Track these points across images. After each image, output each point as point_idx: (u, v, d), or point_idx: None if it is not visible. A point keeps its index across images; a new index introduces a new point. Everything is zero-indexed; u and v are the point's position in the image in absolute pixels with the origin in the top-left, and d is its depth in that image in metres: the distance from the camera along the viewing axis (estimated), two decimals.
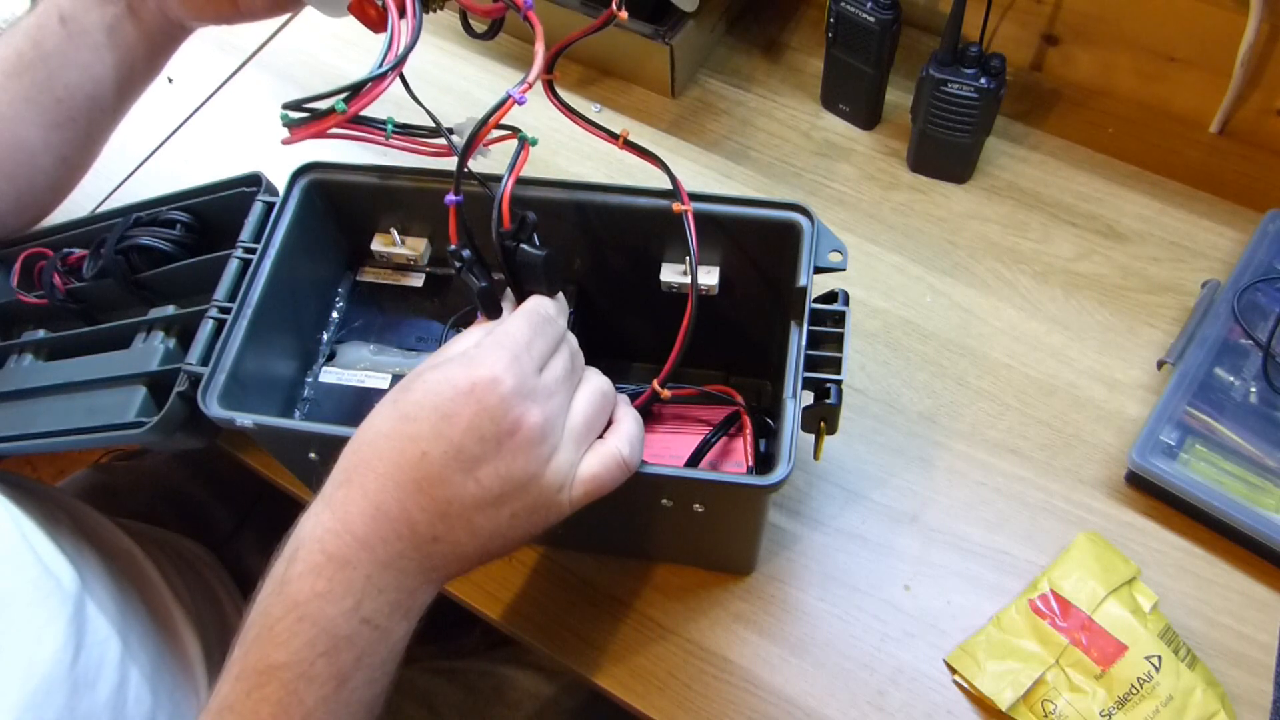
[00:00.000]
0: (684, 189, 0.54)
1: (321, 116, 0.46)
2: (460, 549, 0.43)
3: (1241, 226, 0.74)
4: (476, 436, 0.41)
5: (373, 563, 0.41)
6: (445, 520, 0.42)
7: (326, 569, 0.41)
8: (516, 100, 0.47)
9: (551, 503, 0.44)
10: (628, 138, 0.54)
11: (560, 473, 0.43)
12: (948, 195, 0.79)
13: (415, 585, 0.43)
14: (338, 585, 0.41)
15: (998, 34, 0.84)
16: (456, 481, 0.41)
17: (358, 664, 0.42)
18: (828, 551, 0.63)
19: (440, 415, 0.41)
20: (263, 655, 0.41)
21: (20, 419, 0.60)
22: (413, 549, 0.42)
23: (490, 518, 0.42)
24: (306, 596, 0.41)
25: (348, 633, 0.41)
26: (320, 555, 0.41)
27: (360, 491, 0.42)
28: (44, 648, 0.53)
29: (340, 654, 0.41)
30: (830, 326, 0.52)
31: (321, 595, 0.41)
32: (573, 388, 0.45)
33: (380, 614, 0.42)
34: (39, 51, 0.60)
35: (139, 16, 0.61)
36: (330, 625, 0.41)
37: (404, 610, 0.43)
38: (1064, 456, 0.66)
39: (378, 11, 0.50)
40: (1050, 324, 0.72)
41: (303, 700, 0.40)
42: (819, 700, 0.58)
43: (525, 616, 0.62)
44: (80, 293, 0.65)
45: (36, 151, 0.62)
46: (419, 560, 0.42)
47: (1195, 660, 0.57)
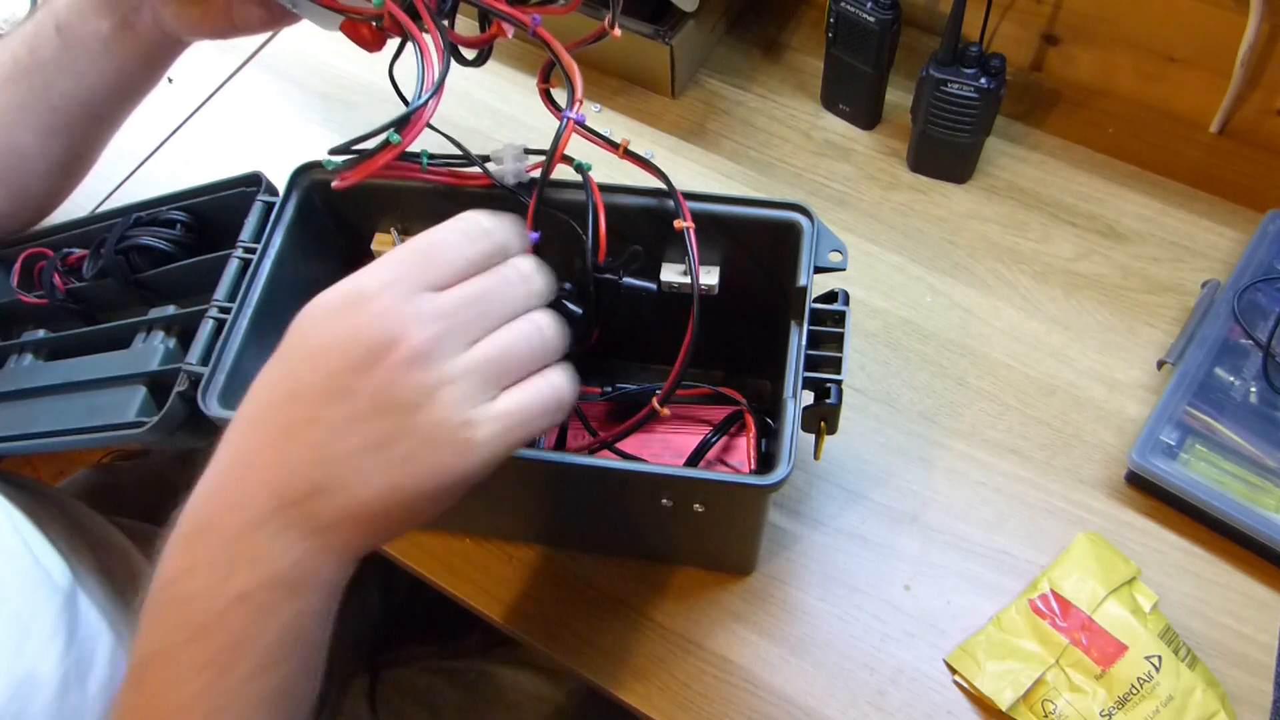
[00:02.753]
0: (685, 205, 0.54)
1: (373, 154, 0.45)
2: (352, 502, 0.36)
3: (1241, 226, 0.74)
4: (348, 364, 0.36)
5: (240, 526, 0.36)
6: (324, 466, 0.36)
7: (191, 540, 0.37)
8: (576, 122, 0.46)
9: (454, 441, 0.36)
10: (628, 147, 0.54)
11: (457, 405, 0.36)
12: (948, 195, 0.79)
13: (301, 554, 0.37)
14: (201, 557, 0.36)
15: (998, 34, 0.84)
16: (331, 419, 0.36)
17: (238, 649, 0.36)
18: (828, 551, 0.63)
19: (311, 347, 0.36)
20: (139, 645, 0.37)
21: (20, 419, 0.60)
22: (289, 506, 0.36)
23: (379, 461, 0.36)
24: (173, 574, 0.37)
25: (219, 611, 0.36)
26: (186, 525, 0.37)
27: (229, 449, 0.37)
28: (33, 640, 0.53)
29: (212, 637, 0.36)
30: (830, 326, 0.52)
31: (187, 571, 0.36)
32: (491, 315, 0.38)
33: (260, 589, 0.36)
34: (35, 59, 0.60)
35: (135, 30, 0.60)
36: (196, 605, 0.36)
37: (291, 585, 0.37)
38: (1064, 456, 0.66)
39: (370, 31, 0.50)
40: (1050, 324, 0.72)
41: (180, 691, 0.36)
42: (819, 700, 0.58)
43: (525, 616, 0.62)
44: (80, 293, 0.65)
45: (32, 157, 0.62)
46: (300, 520, 0.36)
47: (1195, 660, 0.57)
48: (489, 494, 0.60)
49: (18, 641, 0.52)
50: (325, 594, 0.38)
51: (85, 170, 0.68)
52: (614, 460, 0.55)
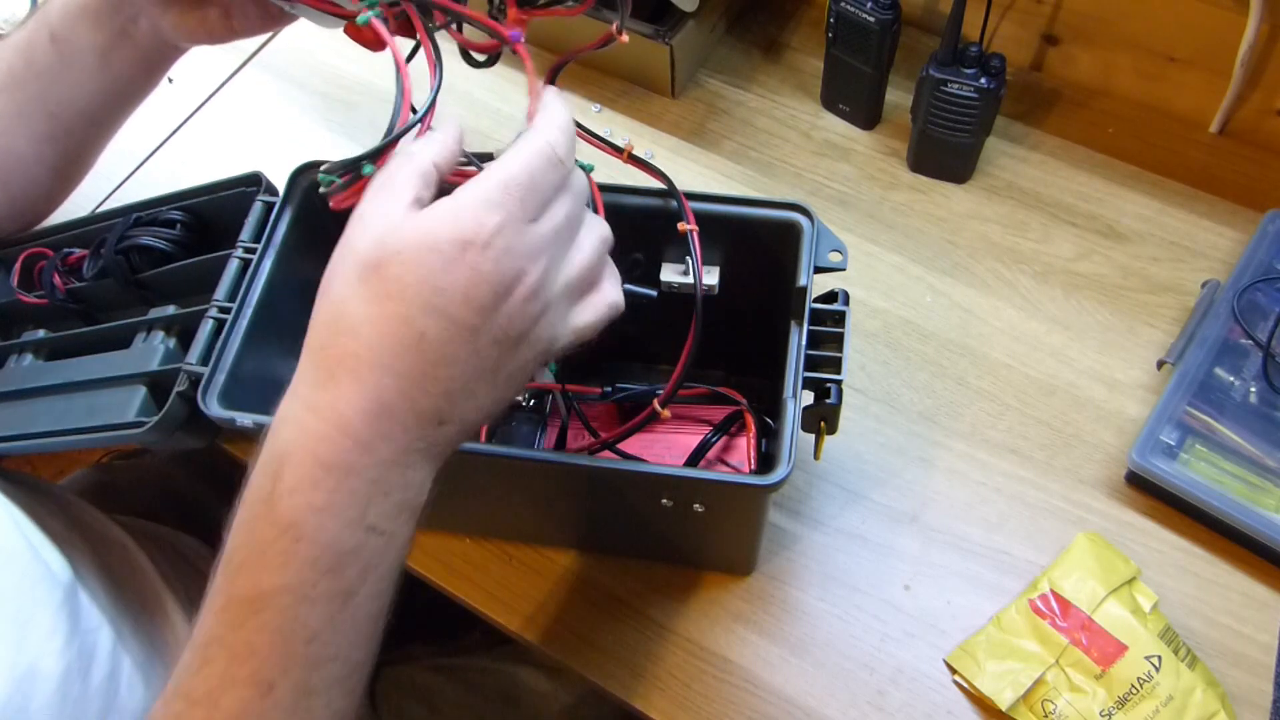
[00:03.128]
0: (689, 208, 0.54)
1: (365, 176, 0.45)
2: (466, 425, 0.40)
3: (1241, 226, 0.74)
4: (475, 307, 0.37)
5: (378, 465, 0.37)
6: (450, 399, 0.38)
7: (325, 481, 0.37)
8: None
9: (543, 355, 0.40)
10: (632, 152, 0.54)
11: (553, 326, 0.40)
12: (948, 195, 0.79)
13: (423, 478, 0.39)
14: (340, 497, 0.37)
15: (998, 34, 0.84)
16: (460, 357, 0.37)
17: (364, 576, 0.38)
18: (828, 551, 0.63)
19: (432, 289, 0.36)
20: (253, 582, 0.37)
21: (20, 419, 0.60)
22: (419, 440, 0.38)
23: (490, 384, 0.39)
24: (303, 514, 0.37)
25: (353, 545, 0.37)
26: (315, 467, 0.37)
27: (355, 388, 0.37)
28: (33, 635, 0.53)
29: (346, 569, 0.37)
30: (830, 326, 0.52)
31: (321, 510, 0.37)
32: (572, 236, 0.41)
33: (387, 518, 0.38)
34: (31, 69, 0.59)
35: (133, 39, 0.60)
36: (334, 541, 0.37)
37: (412, 509, 0.39)
38: (1064, 456, 0.66)
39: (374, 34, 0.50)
40: (1050, 324, 0.72)
41: (306, 624, 0.37)
42: (819, 700, 0.58)
43: (525, 616, 0.62)
44: (80, 293, 0.65)
45: (29, 162, 0.62)
46: (426, 450, 0.39)
47: (1195, 660, 0.57)
48: (490, 494, 0.61)
49: (18, 636, 0.52)
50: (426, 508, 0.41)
51: (83, 174, 0.68)
52: (614, 460, 0.55)
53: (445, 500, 0.63)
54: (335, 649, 0.38)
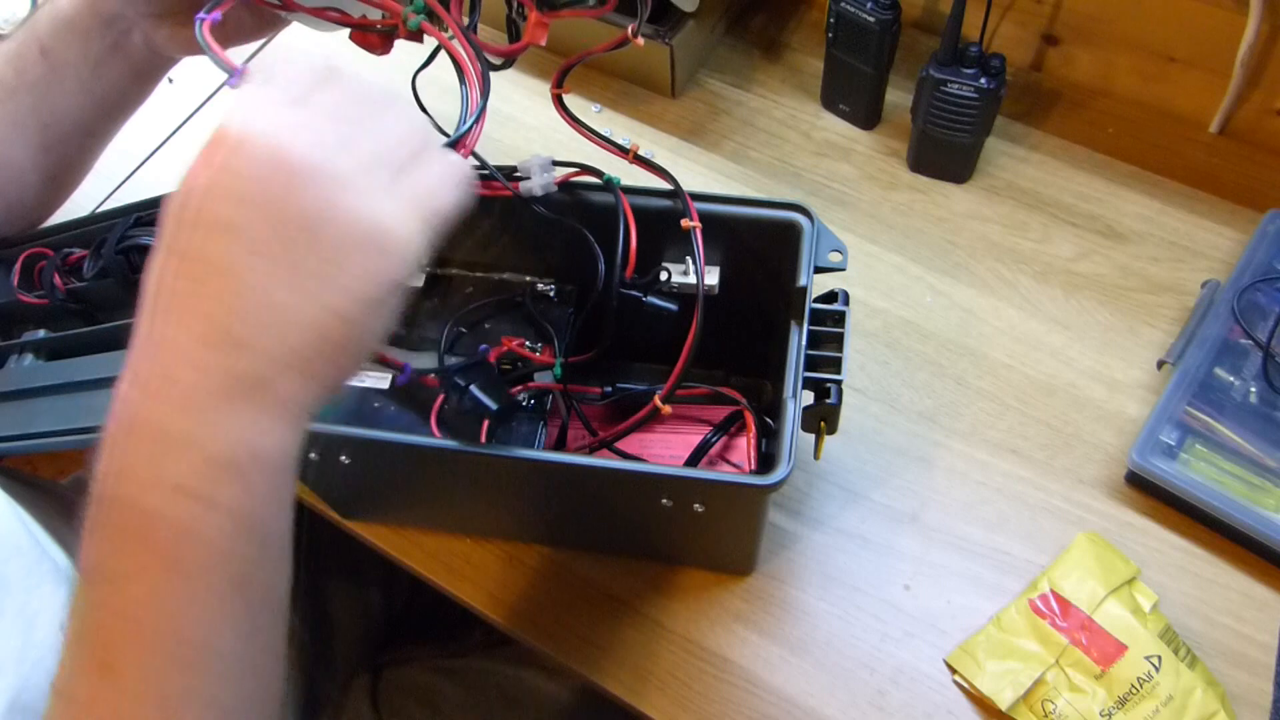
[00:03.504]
0: (693, 205, 0.54)
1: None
2: (279, 347, 0.34)
3: (1241, 226, 0.74)
4: (233, 199, 0.33)
5: (169, 414, 0.33)
6: (240, 320, 0.33)
7: (119, 441, 0.34)
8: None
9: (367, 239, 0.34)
10: (638, 152, 0.55)
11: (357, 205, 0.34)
12: (948, 195, 0.79)
13: (236, 427, 0.34)
14: (133, 456, 0.34)
15: (998, 34, 0.84)
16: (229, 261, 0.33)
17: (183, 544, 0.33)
18: (828, 551, 0.63)
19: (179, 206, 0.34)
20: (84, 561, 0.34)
21: (20, 419, 0.60)
22: (216, 375, 0.33)
23: (296, 291, 0.34)
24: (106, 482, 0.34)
25: (157, 509, 0.33)
26: (114, 429, 0.34)
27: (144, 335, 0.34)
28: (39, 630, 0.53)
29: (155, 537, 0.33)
30: (830, 326, 0.52)
31: (117, 474, 0.34)
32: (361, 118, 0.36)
33: (198, 477, 0.33)
34: (22, 80, 0.59)
35: (125, 51, 0.59)
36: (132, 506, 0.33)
37: (230, 465, 0.34)
38: (1064, 456, 0.66)
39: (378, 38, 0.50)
40: (1050, 324, 0.72)
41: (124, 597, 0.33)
42: (819, 700, 0.58)
43: (525, 616, 0.62)
44: (80, 293, 0.65)
45: (24, 170, 0.62)
46: (227, 388, 0.33)
47: (1195, 660, 0.57)
48: (490, 494, 0.61)
49: (26, 629, 0.52)
50: (272, 470, 0.35)
51: (78, 181, 0.68)
52: (614, 460, 0.55)
53: (445, 500, 0.63)
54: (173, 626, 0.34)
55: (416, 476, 0.60)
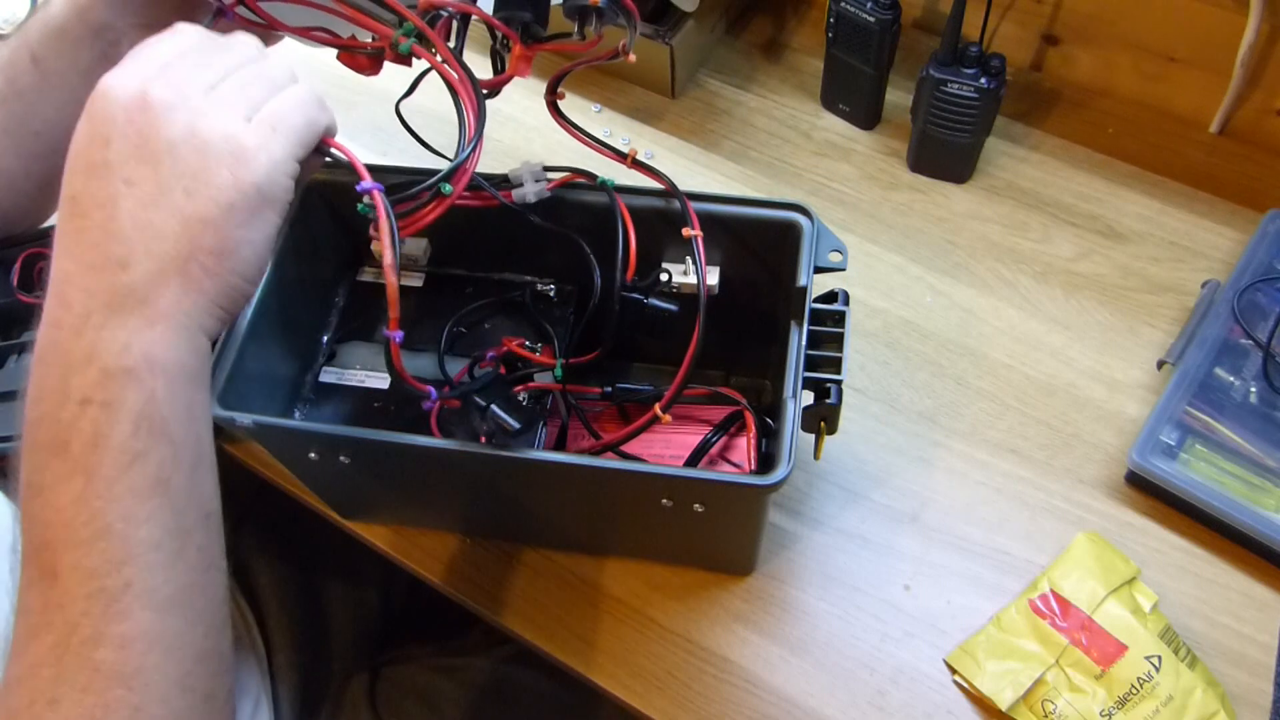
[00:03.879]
0: (693, 209, 0.54)
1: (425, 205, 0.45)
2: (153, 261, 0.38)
3: (1241, 226, 0.74)
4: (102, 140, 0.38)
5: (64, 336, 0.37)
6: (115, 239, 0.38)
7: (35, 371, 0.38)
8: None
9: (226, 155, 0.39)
10: (636, 156, 0.54)
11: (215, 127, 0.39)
12: (948, 195, 0.79)
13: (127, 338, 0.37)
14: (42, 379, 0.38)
15: (998, 34, 0.84)
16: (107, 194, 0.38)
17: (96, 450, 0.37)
18: (828, 551, 0.63)
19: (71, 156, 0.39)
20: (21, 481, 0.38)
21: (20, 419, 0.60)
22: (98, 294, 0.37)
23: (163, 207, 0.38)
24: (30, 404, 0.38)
25: (68, 422, 0.37)
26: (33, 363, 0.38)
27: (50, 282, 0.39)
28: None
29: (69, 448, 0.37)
30: (830, 326, 0.52)
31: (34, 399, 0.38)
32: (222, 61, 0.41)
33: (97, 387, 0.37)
34: (14, 88, 0.59)
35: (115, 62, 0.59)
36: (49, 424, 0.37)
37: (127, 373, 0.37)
38: (1064, 456, 0.66)
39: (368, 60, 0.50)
40: (1050, 324, 0.72)
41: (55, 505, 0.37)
42: (819, 700, 0.58)
43: (525, 616, 0.62)
44: None
45: (18, 178, 0.62)
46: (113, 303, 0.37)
47: (1195, 660, 0.57)
48: (489, 494, 0.61)
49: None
50: (172, 377, 0.38)
51: None
52: (614, 461, 0.55)
53: (445, 500, 0.63)
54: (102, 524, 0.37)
55: (416, 476, 0.60)
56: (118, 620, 0.37)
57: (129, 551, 0.37)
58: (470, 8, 0.46)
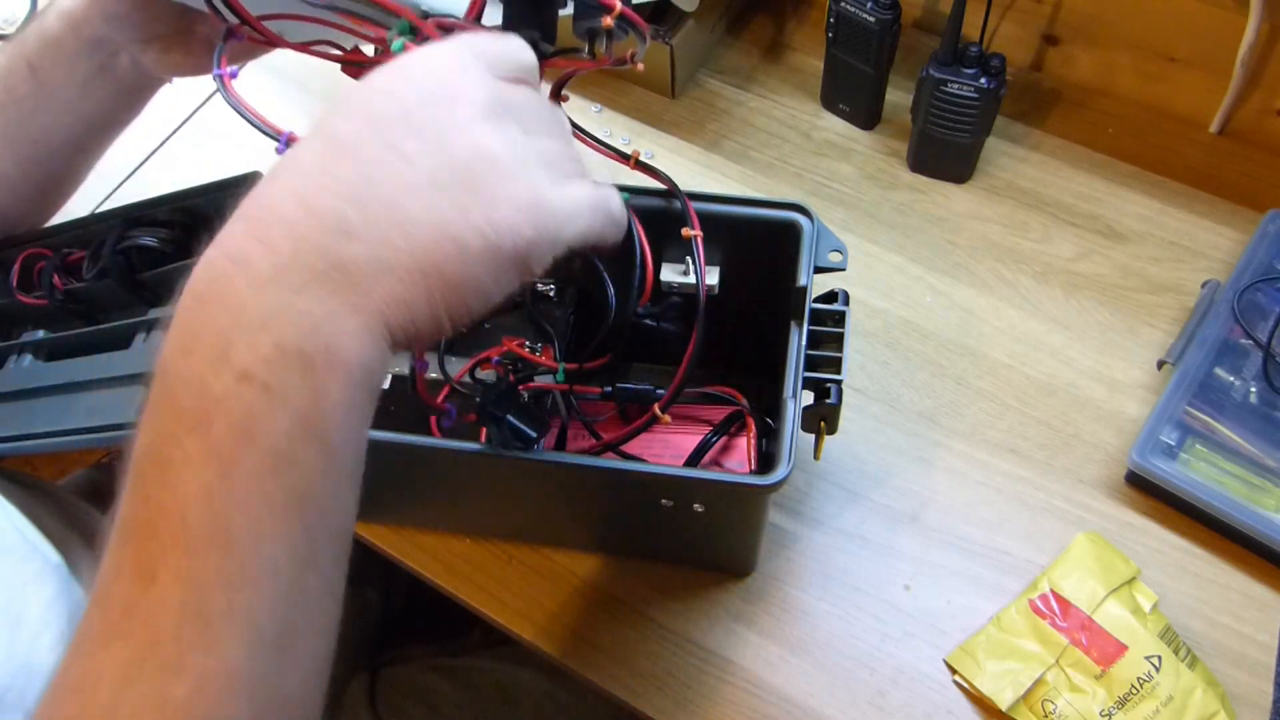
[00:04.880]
0: (694, 211, 0.54)
1: None
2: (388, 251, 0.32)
3: (1241, 226, 0.74)
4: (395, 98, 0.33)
5: (249, 285, 0.30)
6: (359, 202, 0.31)
7: (190, 311, 0.31)
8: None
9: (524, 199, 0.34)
10: (639, 158, 0.54)
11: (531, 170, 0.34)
12: (948, 195, 0.79)
13: (320, 316, 0.31)
14: (203, 328, 0.30)
15: (998, 34, 0.84)
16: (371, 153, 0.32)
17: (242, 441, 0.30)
18: (828, 551, 0.63)
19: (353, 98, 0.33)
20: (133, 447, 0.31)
21: (20, 419, 0.60)
22: (310, 253, 0.31)
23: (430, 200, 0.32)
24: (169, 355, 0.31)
25: (218, 394, 0.30)
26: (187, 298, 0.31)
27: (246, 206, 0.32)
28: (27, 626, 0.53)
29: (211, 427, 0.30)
30: (830, 326, 0.52)
31: (182, 350, 0.31)
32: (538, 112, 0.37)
33: (265, 363, 0.30)
34: (11, 96, 0.59)
35: (112, 73, 0.59)
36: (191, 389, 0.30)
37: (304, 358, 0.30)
38: (1064, 456, 0.66)
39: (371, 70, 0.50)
40: (1050, 324, 0.72)
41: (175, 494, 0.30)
42: (819, 700, 0.58)
43: (525, 616, 0.62)
44: (80, 293, 0.65)
45: (16, 182, 0.62)
46: (321, 272, 0.31)
47: (1195, 660, 0.57)
48: (489, 494, 0.61)
49: (11, 630, 0.52)
50: (346, 376, 0.31)
51: (72, 191, 0.68)
52: (614, 461, 0.55)
53: (445, 500, 0.63)
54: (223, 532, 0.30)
55: (416, 476, 0.60)
56: (206, 652, 0.30)
57: (245, 573, 0.30)
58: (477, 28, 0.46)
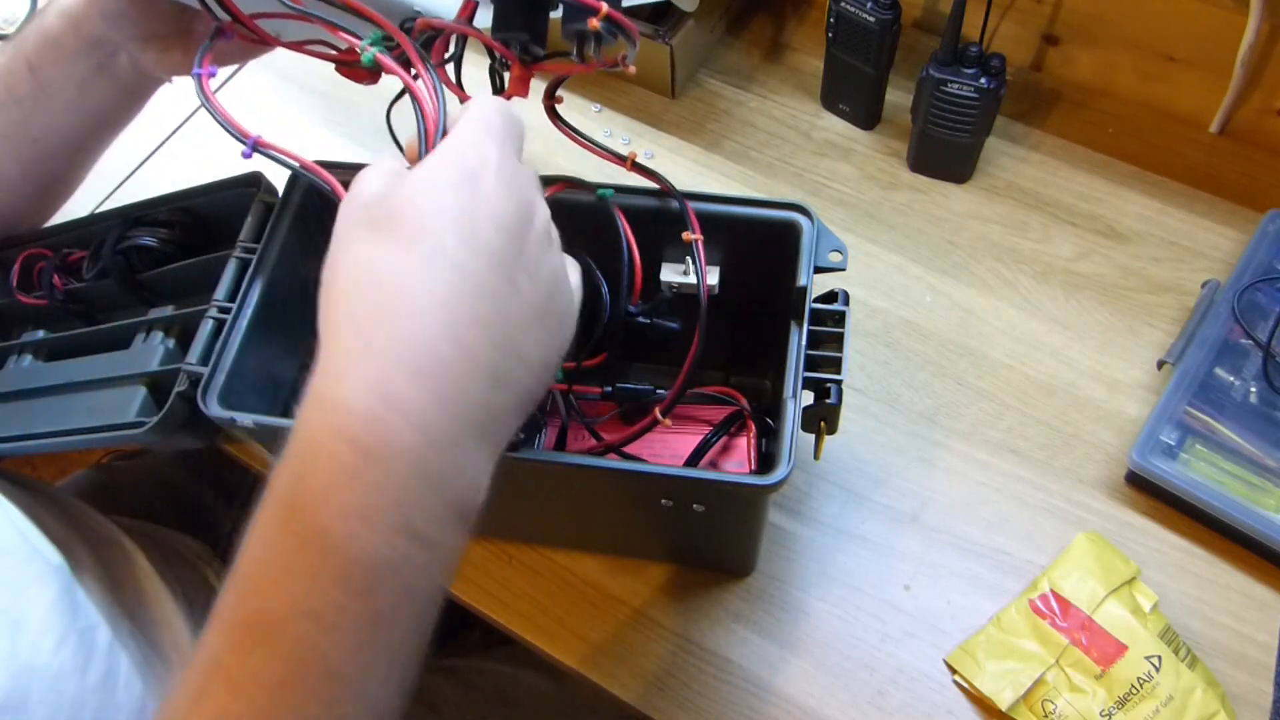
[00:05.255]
0: (693, 212, 0.54)
1: None
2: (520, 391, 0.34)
3: (1241, 226, 0.74)
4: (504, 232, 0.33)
5: (428, 445, 0.30)
6: (503, 349, 0.33)
7: (364, 473, 0.30)
8: None
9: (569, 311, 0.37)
10: (635, 160, 0.54)
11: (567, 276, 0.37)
12: (948, 195, 0.79)
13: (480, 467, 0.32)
14: (380, 494, 0.30)
15: (998, 34, 0.84)
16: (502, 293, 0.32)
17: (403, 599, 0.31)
18: (828, 551, 0.63)
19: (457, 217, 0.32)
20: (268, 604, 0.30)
21: (20, 419, 0.60)
22: (474, 405, 0.32)
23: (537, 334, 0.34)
24: (332, 518, 0.30)
25: (393, 559, 0.30)
26: (352, 454, 0.30)
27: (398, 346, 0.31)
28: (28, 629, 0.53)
29: (382, 590, 0.30)
30: (830, 326, 0.52)
31: (355, 513, 0.30)
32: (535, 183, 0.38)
33: (436, 522, 0.31)
34: (11, 96, 0.59)
35: (111, 72, 0.59)
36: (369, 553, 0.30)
37: (463, 511, 0.32)
38: (1064, 456, 0.66)
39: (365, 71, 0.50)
40: (1050, 324, 0.72)
41: (326, 656, 0.30)
42: (819, 700, 0.58)
43: (525, 616, 0.62)
44: (80, 293, 0.65)
45: (16, 181, 0.62)
46: (484, 425, 0.32)
47: (1195, 660, 0.57)
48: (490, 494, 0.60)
49: (13, 633, 0.52)
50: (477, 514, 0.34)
51: (72, 190, 0.68)
52: (614, 461, 0.55)
53: None
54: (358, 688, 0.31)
55: None
56: None
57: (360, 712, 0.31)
58: (468, 29, 0.46)
